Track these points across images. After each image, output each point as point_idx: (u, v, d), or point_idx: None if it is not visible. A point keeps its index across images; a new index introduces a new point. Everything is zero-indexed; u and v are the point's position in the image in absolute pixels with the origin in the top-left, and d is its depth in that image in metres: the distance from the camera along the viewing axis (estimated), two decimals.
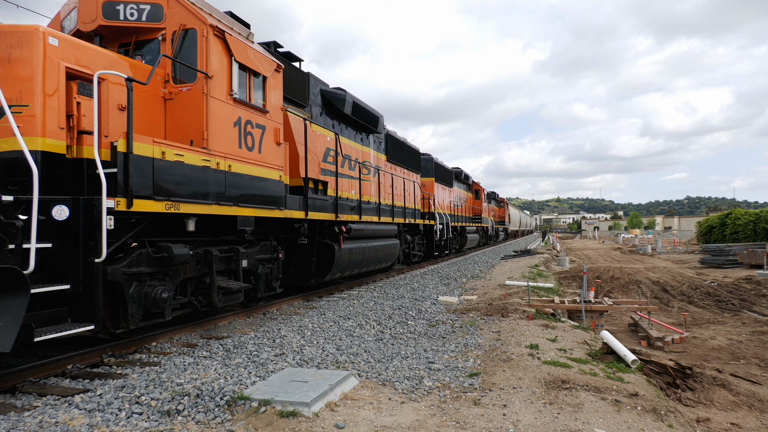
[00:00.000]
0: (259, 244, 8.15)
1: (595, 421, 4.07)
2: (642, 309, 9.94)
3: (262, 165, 7.71)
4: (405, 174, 16.60)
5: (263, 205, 7.67)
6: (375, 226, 12.89)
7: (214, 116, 6.67)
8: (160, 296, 5.93)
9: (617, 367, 5.65)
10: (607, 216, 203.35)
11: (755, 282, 14.72)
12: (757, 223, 27.22)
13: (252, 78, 7.61)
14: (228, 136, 6.95)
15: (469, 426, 3.92)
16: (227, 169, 6.87)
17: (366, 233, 12.13)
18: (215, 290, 6.87)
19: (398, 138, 16.36)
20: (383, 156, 14.66)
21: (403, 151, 16.72)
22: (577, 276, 17.45)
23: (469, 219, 29.31)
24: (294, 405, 4.01)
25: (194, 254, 6.67)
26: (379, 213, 13.28)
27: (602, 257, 30.79)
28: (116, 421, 3.94)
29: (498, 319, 8.19)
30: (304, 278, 10.31)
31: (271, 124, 8.04)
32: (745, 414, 5.47)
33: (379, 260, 13.22)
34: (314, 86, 10.58)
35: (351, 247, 11.08)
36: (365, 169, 12.84)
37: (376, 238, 13.00)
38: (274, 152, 8.07)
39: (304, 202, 9.08)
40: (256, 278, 8.12)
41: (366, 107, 12.69)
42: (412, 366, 5.61)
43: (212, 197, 6.57)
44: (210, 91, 6.61)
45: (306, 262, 10.24)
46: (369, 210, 12.65)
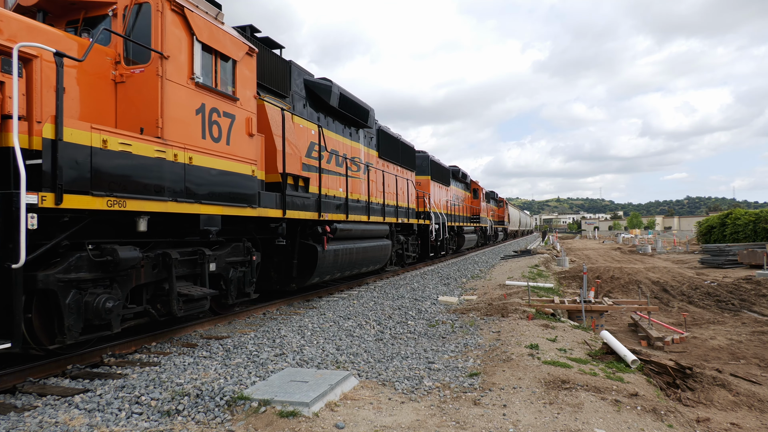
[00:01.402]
0: (230, 245, 7.46)
1: (595, 421, 4.07)
2: (642, 309, 9.94)
3: (231, 158, 6.94)
4: (398, 171, 15.91)
5: (232, 202, 6.91)
6: (364, 226, 12.16)
7: (172, 102, 5.91)
8: (103, 306, 5.19)
9: (617, 367, 5.65)
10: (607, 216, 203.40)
11: (755, 282, 14.72)
12: (757, 223, 27.22)
13: (219, 61, 6.85)
14: (189, 125, 6.18)
15: (469, 426, 3.92)
16: (187, 162, 6.08)
17: (354, 233, 11.45)
18: (175, 297, 6.15)
19: (391, 134, 15.69)
20: (374, 152, 14.02)
21: (397, 147, 16.04)
22: (577, 276, 17.45)
23: (467, 219, 28.65)
24: (294, 405, 4.01)
25: (149, 257, 5.97)
26: (369, 212, 12.55)
27: (602, 257, 30.79)
28: (116, 421, 3.94)
29: (498, 319, 8.20)
30: (285, 282, 9.51)
31: (242, 114, 7.27)
32: (745, 414, 5.47)
33: (369, 262, 12.45)
34: (297, 76, 9.92)
35: (337, 248, 10.38)
36: (354, 166, 12.15)
37: (366, 238, 12.24)
38: (245, 144, 7.31)
39: (282, 200, 8.27)
40: (226, 283, 7.38)
41: (355, 100, 12.00)
42: (412, 366, 5.61)
43: (168, 193, 5.80)
44: (166, 73, 5.86)
45: (287, 264, 9.46)
46: (357, 209, 11.90)
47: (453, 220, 24.03)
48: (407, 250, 17.24)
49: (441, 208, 21.62)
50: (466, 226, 28.01)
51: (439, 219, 20.39)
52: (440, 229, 20.31)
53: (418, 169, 19.45)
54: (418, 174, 19.22)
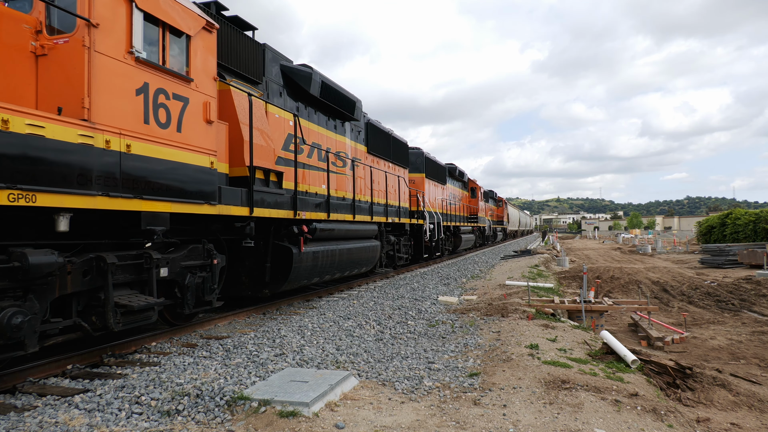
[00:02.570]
0: (186, 247, 6.59)
1: (595, 421, 4.07)
2: (642, 309, 9.94)
3: (183, 147, 6.01)
4: (389, 168, 15.07)
5: (184, 198, 5.98)
6: (349, 226, 11.27)
7: (103, 78, 5.05)
8: (8, 322, 4.30)
9: (617, 367, 5.65)
10: (607, 216, 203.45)
11: (755, 282, 14.72)
12: (757, 223, 27.23)
13: (168, 35, 5.97)
14: (126, 107, 5.31)
15: (469, 426, 3.92)
16: (125, 150, 5.20)
17: (337, 234, 10.62)
18: (111, 309, 5.24)
19: (382, 128, 14.79)
20: (363, 147, 13.17)
21: (388, 142, 15.14)
22: (577, 276, 17.45)
23: (464, 218, 27.81)
24: (294, 405, 4.01)
25: (76, 262, 5.04)
26: (354, 211, 11.62)
27: (602, 257, 30.79)
28: (116, 421, 3.94)
29: (498, 319, 8.19)
30: (258, 288, 8.62)
31: (198, 97, 6.38)
32: (745, 414, 5.47)
33: (354, 264, 11.53)
34: (272, 61, 9.07)
35: (316, 250, 9.45)
36: (339, 161, 11.37)
37: (351, 239, 11.36)
38: (202, 132, 6.40)
39: (249, 196, 7.40)
40: (182, 290, 6.52)
41: (339, 89, 11.14)
42: (412, 366, 5.61)
43: (98, 186, 4.88)
44: (95, 44, 4.99)
45: (259, 268, 8.54)
46: (341, 207, 11.03)
47: (449, 219, 23.31)
48: (399, 251, 16.31)
49: (436, 207, 20.85)
50: (463, 226, 27.17)
51: (434, 218, 19.59)
52: (435, 229, 19.48)
53: (412, 167, 18.78)
54: (411, 171, 18.58)
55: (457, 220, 25.64)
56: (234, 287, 8.63)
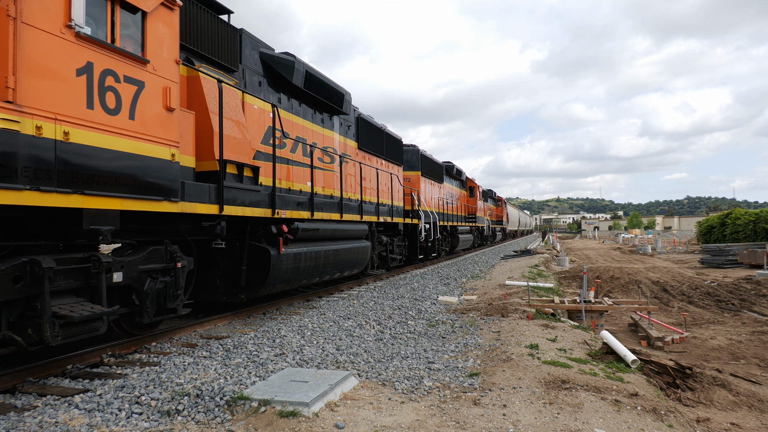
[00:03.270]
0: (146, 249, 5.95)
1: (595, 421, 4.07)
2: (642, 309, 9.95)
3: (137, 137, 5.32)
4: (382, 165, 14.42)
5: (138, 194, 5.31)
6: (335, 226, 10.59)
7: (33, 55, 4.44)
8: None
9: (617, 367, 5.65)
10: (607, 216, 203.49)
11: (755, 282, 14.72)
12: (757, 223, 27.23)
13: (119, 11, 5.28)
14: (64, 89, 4.68)
15: (469, 426, 3.92)
16: (62, 138, 4.59)
17: (322, 234, 9.98)
18: (48, 320, 4.61)
19: (374, 123, 14.09)
20: (353, 143, 12.54)
21: (380, 138, 14.44)
22: (577, 276, 17.45)
23: (462, 218, 27.10)
24: (294, 405, 4.01)
25: (2, 268, 4.44)
26: (342, 209, 10.91)
27: (602, 257, 30.80)
28: (116, 421, 3.94)
29: (498, 319, 8.20)
30: (233, 292, 7.96)
31: (157, 82, 5.65)
32: (745, 414, 5.47)
33: (342, 266, 10.86)
34: (250, 48, 8.40)
35: (298, 251, 8.75)
36: (327, 157, 10.70)
37: (338, 239, 10.71)
38: (161, 121, 5.69)
39: (219, 193, 6.73)
40: (140, 297, 5.87)
41: (326, 80, 10.46)
42: (412, 366, 5.61)
43: (25, 179, 4.27)
44: (22, 14, 4.36)
45: (235, 271, 7.91)
46: (327, 206, 10.31)
47: (446, 219, 22.67)
48: (392, 252, 15.47)
49: (433, 206, 20.15)
50: (461, 225, 26.53)
51: (430, 218, 18.89)
52: (431, 229, 18.75)
53: (407, 164, 18.21)
54: (407, 169, 18.03)
55: (455, 219, 25.07)
56: (207, 292, 7.98)
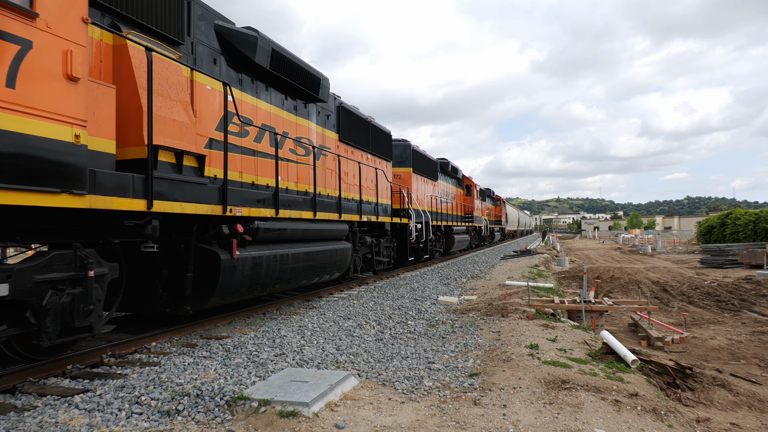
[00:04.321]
0: (48, 255, 4.88)
1: (595, 421, 4.07)
2: (642, 309, 9.95)
3: (21, 111, 4.20)
4: (367, 160, 13.32)
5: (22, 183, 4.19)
6: (308, 225, 9.48)
7: None
8: None
9: (617, 367, 5.65)
10: (607, 216, 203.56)
11: (755, 282, 14.73)
12: (757, 223, 27.24)
13: None
14: None
15: (469, 426, 3.92)
16: None
17: (290, 235, 8.80)
18: None
19: (358, 114, 12.91)
20: (333, 134, 11.38)
21: (365, 131, 13.27)
22: (577, 276, 17.46)
23: (458, 218, 26.11)
24: (294, 405, 4.01)
25: None
26: (316, 207, 9.74)
27: (602, 257, 30.80)
28: (116, 421, 3.94)
29: (498, 319, 8.20)
30: (177, 303, 6.80)
31: (51, 42, 4.48)
32: (745, 414, 5.47)
33: (316, 271, 9.74)
34: (201, 19, 7.20)
35: (259, 255, 7.67)
36: (301, 149, 9.62)
37: (312, 241, 9.61)
38: (59, 93, 4.55)
39: (146, 185, 5.49)
40: (38, 314, 4.72)
41: (298, 62, 9.22)
42: (412, 366, 5.61)
43: None
44: None
45: (180, 279, 6.73)
46: (298, 203, 9.16)
47: (440, 219, 21.73)
48: (378, 254, 14.20)
49: (425, 205, 19.15)
50: (457, 225, 25.37)
51: (423, 217, 17.84)
52: (423, 228, 17.74)
53: (397, 160, 17.18)
54: (396, 165, 17.01)
55: (450, 219, 24.08)
56: (150, 303, 6.90)
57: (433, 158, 22.09)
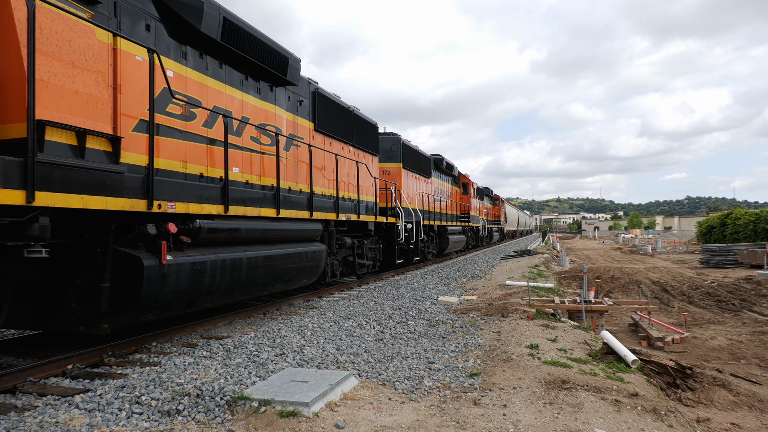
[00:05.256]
0: None
1: (595, 421, 4.07)
2: (642, 309, 9.95)
3: None
4: (349, 153, 12.15)
5: None
6: (269, 225, 8.13)
7: None
8: None
9: (617, 367, 5.65)
10: (607, 216, 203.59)
11: (755, 282, 14.72)
12: (757, 223, 27.24)
13: None
14: None
15: (469, 426, 3.92)
16: None
17: (245, 236, 7.47)
18: None
19: (339, 102, 11.68)
20: (307, 123, 10.11)
21: (347, 121, 12.03)
22: (577, 276, 17.46)
23: (454, 217, 25.08)
24: (294, 405, 4.01)
25: None
26: (279, 203, 8.43)
27: (602, 257, 30.80)
28: (116, 421, 3.94)
29: (498, 319, 8.20)
30: (93, 320, 5.52)
31: None
32: (745, 414, 5.47)
33: (281, 277, 8.42)
34: None
35: (201, 260, 6.38)
36: (265, 137, 8.36)
37: (274, 242, 8.27)
38: None
39: (24, 171, 4.35)
40: None
41: (259, 36, 7.93)
42: (412, 366, 5.61)
43: None
44: None
45: (95, 290, 5.43)
46: (254, 199, 7.87)
47: (434, 218, 20.62)
48: (363, 257, 12.92)
49: (417, 203, 17.99)
50: (452, 225, 24.20)
51: (414, 216, 16.79)
52: (414, 228, 16.66)
53: (387, 155, 16.19)
54: (385, 160, 16.12)
55: (445, 219, 22.95)
56: (58, 318, 5.64)
57: (427, 154, 21.11)
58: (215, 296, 6.95)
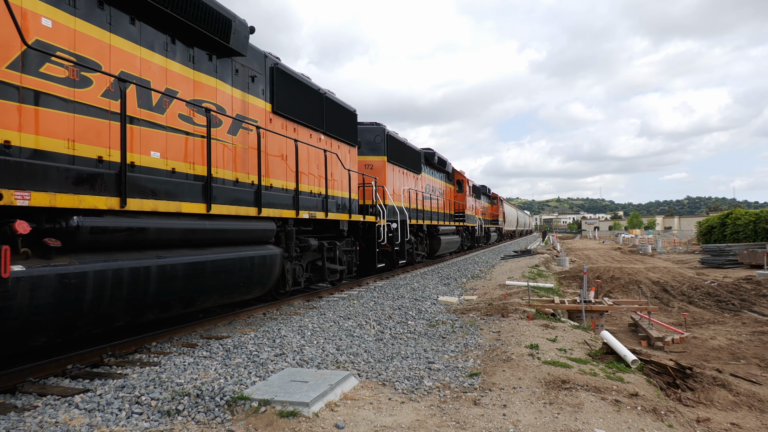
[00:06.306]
0: None
1: (595, 421, 4.07)
2: (642, 309, 9.95)
3: None
4: (319, 141, 10.66)
5: None
6: (194, 223, 6.60)
7: None
8: None
9: (617, 367, 5.65)
10: (607, 216, 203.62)
11: (755, 282, 14.72)
12: (757, 223, 27.25)
13: None
14: None
15: (469, 426, 3.92)
16: None
17: (155, 238, 5.97)
18: None
19: (307, 83, 10.20)
20: (263, 103, 8.62)
21: (317, 105, 10.54)
22: (577, 276, 17.46)
23: (447, 216, 23.68)
24: (294, 405, 4.01)
25: None
26: (210, 197, 6.80)
27: (602, 257, 30.80)
28: (116, 421, 3.94)
29: (498, 319, 8.20)
30: None
31: None
32: (745, 414, 5.47)
33: (215, 289, 6.93)
34: None
35: (78, 271, 4.87)
36: (201, 116, 6.89)
37: (205, 246, 6.82)
38: None
39: None
40: None
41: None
42: (412, 366, 5.61)
43: None
44: None
45: None
46: (170, 192, 6.23)
47: (424, 217, 19.10)
48: (334, 261, 11.27)
49: (403, 201, 16.71)
50: (444, 225, 22.70)
51: (399, 215, 15.36)
52: (399, 229, 15.18)
53: (369, 147, 15.01)
54: (368, 153, 14.98)
55: (437, 218, 21.44)
56: None
57: (417, 148, 19.38)
58: (106, 319, 5.36)
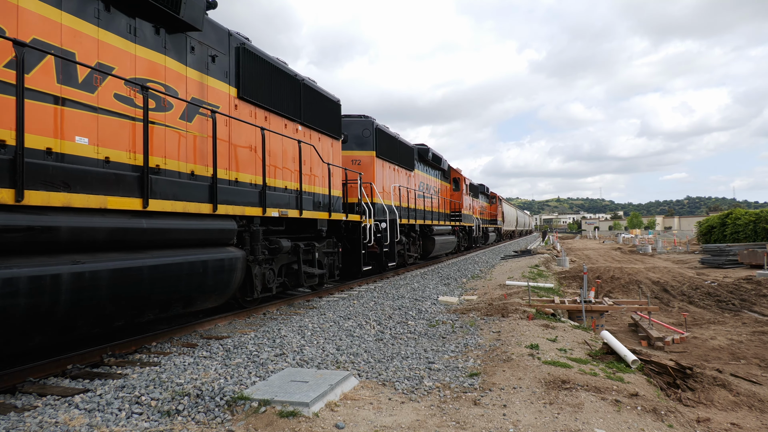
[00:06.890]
0: None
1: (595, 421, 4.07)
2: (642, 309, 9.94)
3: None
4: (295, 132, 9.73)
5: None
6: (125, 222, 5.63)
7: None
8: None
9: (617, 367, 5.65)
10: (607, 216, 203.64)
11: (755, 282, 14.72)
12: (757, 223, 27.24)
13: None
14: None
15: (469, 426, 3.92)
16: None
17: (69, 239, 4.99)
18: None
19: (279, 66, 9.21)
20: (226, 87, 7.74)
21: (293, 92, 9.63)
22: (577, 276, 17.45)
23: (442, 216, 22.64)
24: (294, 405, 4.01)
25: None
26: (148, 191, 5.87)
27: (602, 257, 30.79)
28: (116, 421, 3.94)
29: (498, 319, 8.19)
30: None
31: None
32: (746, 414, 5.47)
33: (156, 300, 6.02)
34: None
35: None
36: (149, 99, 6.04)
37: (143, 249, 5.89)
38: None
39: None
40: None
41: None
42: (412, 366, 5.61)
43: None
44: None
45: None
46: (89, 183, 5.22)
47: (417, 216, 18.28)
48: (311, 264, 10.24)
49: (394, 199, 15.85)
50: (439, 225, 21.57)
51: (389, 214, 14.52)
52: (389, 228, 14.34)
53: (357, 141, 14.19)
54: (356, 148, 14.24)
55: (431, 217, 20.38)
56: None
57: (409, 143, 18.45)
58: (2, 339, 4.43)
